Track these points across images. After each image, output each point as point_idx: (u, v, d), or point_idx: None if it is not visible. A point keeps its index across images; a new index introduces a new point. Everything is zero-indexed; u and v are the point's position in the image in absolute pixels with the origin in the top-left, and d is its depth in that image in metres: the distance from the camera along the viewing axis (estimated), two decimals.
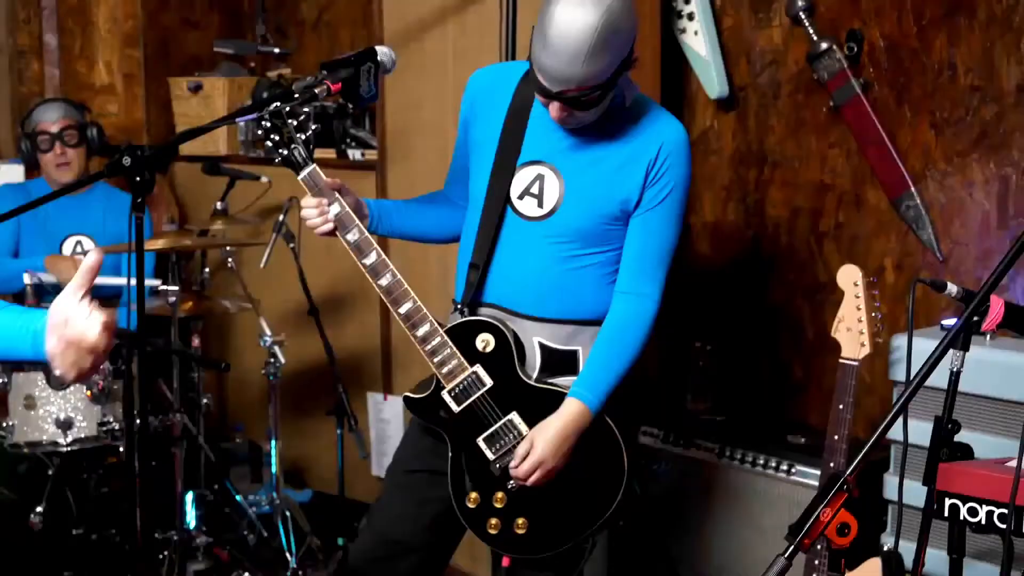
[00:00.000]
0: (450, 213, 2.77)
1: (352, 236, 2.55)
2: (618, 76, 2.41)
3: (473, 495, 2.59)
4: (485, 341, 2.56)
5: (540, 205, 2.55)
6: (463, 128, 2.72)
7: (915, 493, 2.37)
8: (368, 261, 2.54)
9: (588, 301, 2.58)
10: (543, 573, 2.64)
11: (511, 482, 2.55)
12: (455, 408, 2.57)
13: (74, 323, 1.58)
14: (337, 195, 2.55)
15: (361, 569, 2.72)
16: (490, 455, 2.56)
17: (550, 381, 2.57)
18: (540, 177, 2.56)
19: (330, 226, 2.56)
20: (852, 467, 1.74)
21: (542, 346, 2.58)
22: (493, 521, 2.58)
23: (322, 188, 2.56)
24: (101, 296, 3.98)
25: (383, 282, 2.54)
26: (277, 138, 2.54)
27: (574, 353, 2.59)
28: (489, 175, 2.60)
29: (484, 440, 2.57)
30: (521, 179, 2.57)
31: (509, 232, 2.58)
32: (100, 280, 3.71)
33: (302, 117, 2.53)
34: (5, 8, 4.85)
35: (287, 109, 2.51)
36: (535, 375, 2.58)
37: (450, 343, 2.54)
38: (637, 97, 2.57)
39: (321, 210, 2.55)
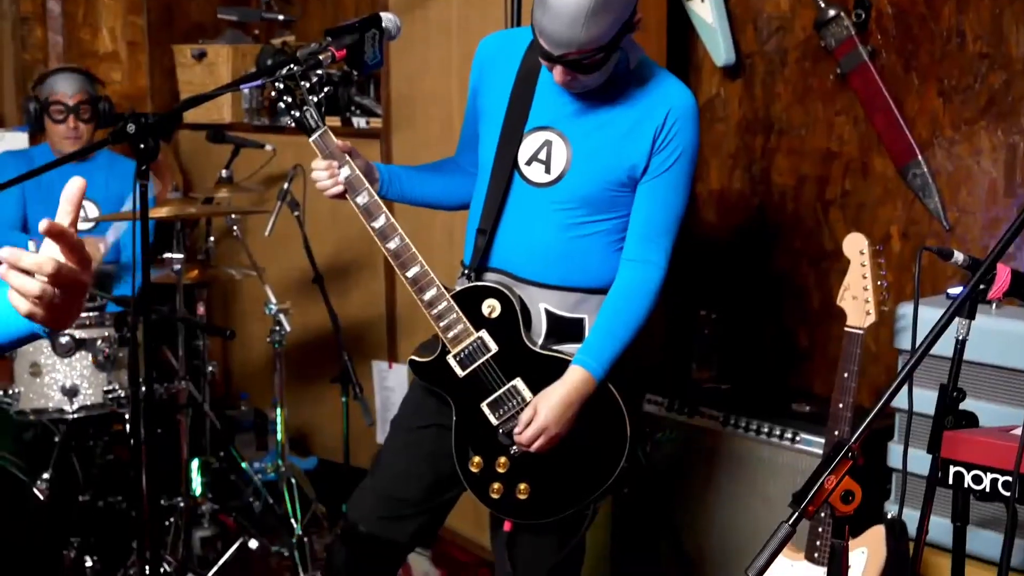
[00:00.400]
0: (460, 180, 2.77)
1: (361, 199, 2.55)
2: (620, 38, 2.40)
3: (476, 459, 2.59)
4: (491, 307, 2.56)
5: (547, 171, 2.54)
6: (472, 95, 2.71)
7: (919, 461, 2.38)
8: (377, 224, 2.54)
9: (594, 268, 2.57)
10: (544, 538, 2.64)
11: (514, 447, 2.56)
12: (460, 373, 2.57)
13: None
14: (347, 158, 2.55)
15: (365, 529, 2.71)
16: (494, 420, 2.57)
17: (555, 348, 2.57)
18: (548, 143, 2.55)
19: (340, 188, 2.55)
20: (857, 435, 1.73)
21: (548, 313, 2.58)
22: (495, 486, 2.59)
23: (332, 151, 2.55)
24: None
25: (391, 246, 2.54)
26: (290, 100, 2.53)
27: (580, 321, 2.59)
28: (497, 141, 2.59)
29: (488, 405, 2.57)
30: (529, 145, 2.56)
31: (516, 198, 2.58)
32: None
33: (314, 80, 2.53)
34: None
35: (300, 72, 2.51)
36: (540, 342, 2.58)
37: (456, 308, 2.54)
38: (642, 59, 2.55)
39: (331, 172, 2.55)
